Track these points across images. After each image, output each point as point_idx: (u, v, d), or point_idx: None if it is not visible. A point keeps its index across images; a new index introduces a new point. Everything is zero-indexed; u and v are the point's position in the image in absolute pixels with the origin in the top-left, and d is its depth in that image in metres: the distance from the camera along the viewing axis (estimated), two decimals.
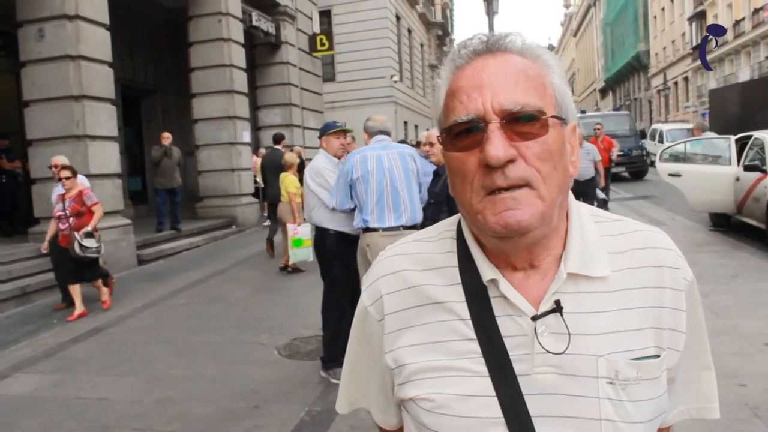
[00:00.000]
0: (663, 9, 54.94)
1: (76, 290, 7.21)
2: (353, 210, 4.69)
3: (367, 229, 4.54)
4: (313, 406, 4.37)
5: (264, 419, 4.22)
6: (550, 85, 0.88)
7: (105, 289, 7.56)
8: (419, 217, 4.59)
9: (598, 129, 13.33)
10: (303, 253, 8.70)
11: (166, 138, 12.20)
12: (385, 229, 4.46)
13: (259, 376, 5.03)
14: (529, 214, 0.83)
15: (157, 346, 6.01)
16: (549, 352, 0.86)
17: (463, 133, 0.86)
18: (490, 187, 0.83)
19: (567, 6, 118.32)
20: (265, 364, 5.32)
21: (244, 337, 6.13)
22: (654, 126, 20.33)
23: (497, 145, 0.81)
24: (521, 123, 0.83)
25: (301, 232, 8.65)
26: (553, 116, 0.85)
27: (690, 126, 20.17)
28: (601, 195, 10.62)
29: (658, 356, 0.89)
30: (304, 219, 7.85)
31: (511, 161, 0.82)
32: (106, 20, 10.04)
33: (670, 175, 10.24)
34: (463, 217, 0.93)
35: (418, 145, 8.83)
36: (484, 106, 0.84)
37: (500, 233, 0.84)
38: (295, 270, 9.16)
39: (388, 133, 4.85)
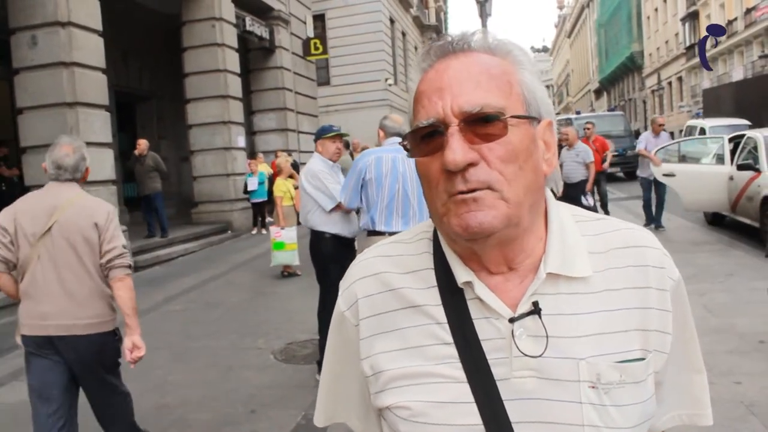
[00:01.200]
0: (656, 9, 55.11)
1: None
2: (356, 211, 4.68)
3: (372, 232, 4.49)
4: (309, 410, 4.36)
5: (261, 424, 4.22)
6: (517, 83, 0.86)
7: None
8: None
9: (589, 128, 12.12)
10: (284, 256, 8.79)
11: (138, 145, 12.23)
12: (391, 233, 4.39)
13: (256, 381, 5.03)
14: (492, 216, 0.81)
15: (153, 352, 5.97)
16: (526, 355, 0.83)
17: (426, 138, 0.84)
18: (451, 192, 0.82)
19: (561, 7, 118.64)
20: (261, 369, 5.31)
21: (241, 342, 6.12)
22: (690, 122, 18.63)
23: (456, 149, 0.80)
24: (481, 124, 0.81)
25: (284, 235, 8.74)
26: (515, 116, 0.83)
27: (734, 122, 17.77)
28: (585, 201, 9.82)
29: (644, 359, 0.86)
30: (299, 222, 7.97)
31: (472, 164, 0.80)
32: (99, 26, 10.03)
33: (664, 175, 10.25)
34: (433, 221, 0.91)
35: None
36: (444, 109, 0.82)
37: (463, 236, 0.83)
38: (291, 274, 9.17)
39: (403, 135, 4.79)
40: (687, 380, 0.98)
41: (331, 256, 4.90)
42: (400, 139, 4.68)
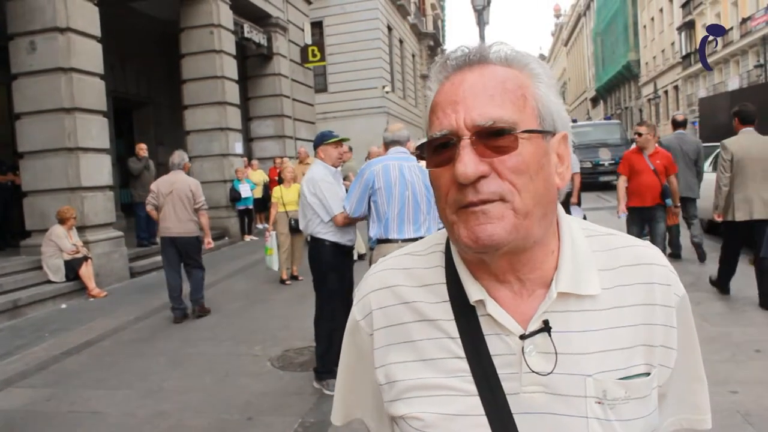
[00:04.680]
0: (652, 19, 55.34)
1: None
2: (360, 219, 4.70)
3: (383, 241, 4.47)
4: (306, 417, 4.36)
5: (257, 431, 4.22)
6: (532, 97, 0.86)
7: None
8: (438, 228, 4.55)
9: (640, 137, 7.48)
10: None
11: (144, 149, 12.19)
12: (404, 241, 4.36)
13: (253, 388, 5.02)
14: (501, 228, 0.82)
15: (150, 358, 5.98)
16: (535, 372, 0.85)
17: (439, 149, 0.85)
18: (461, 202, 0.83)
19: (557, 16, 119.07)
20: (258, 376, 5.31)
21: (238, 348, 6.11)
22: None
23: (466, 162, 0.80)
24: (493, 138, 0.82)
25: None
26: (527, 130, 0.83)
27: None
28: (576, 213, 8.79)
29: (648, 374, 0.88)
30: (299, 229, 8.10)
31: (483, 177, 0.81)
32: (97, 32, 10.04)
33: None
34: (446, 229, 0.92)
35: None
36: (457, 122, 0.83)
37: (472, 248, 0.84)
38: (283, 281, 9.21)
39: (402, 142, 4.78)
40: (689, 389, 1.00)
41: (329, 263, 4.90)
42: (403, 149, 4.72)
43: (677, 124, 8.99)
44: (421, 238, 4.50)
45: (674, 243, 8.82)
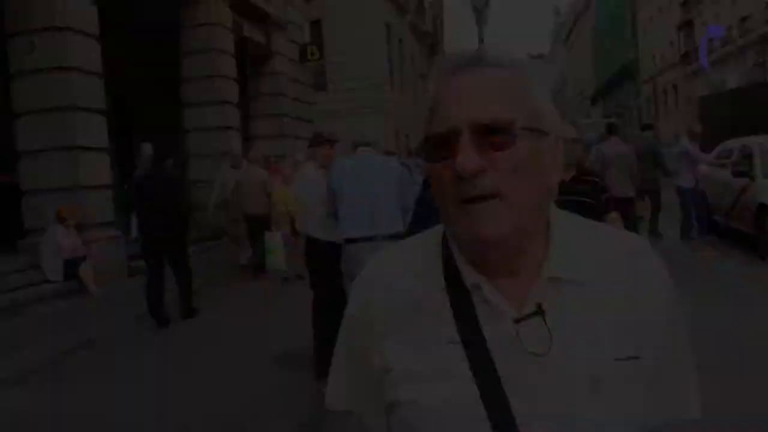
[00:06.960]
0: (651, 18, 55.34)
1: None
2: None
3: (346, 240, 4.55)
4: (306, 416, 4.37)
5: (260, 429, 4.22)
6: (529, 97, 0.90)
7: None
8: (398, 227, 4.57)
9: None
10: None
11: (150, 149, 12.16)
12: (363, 239, 4.46)
13: (255, 387, 5.03)
14: (501, 226, 0.85)
15: (150, 358, 5.99)
16: (532, 354, 0.87)
17: (439, 145, 0.88)
18: (462, 197, 0.85)
19: (557, 14, 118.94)
20: (260, 375, 5.31)
21: (240, 347, 6.12)
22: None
23: (467, 156, 0.83)
24: (492, 134, 0.85)
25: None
26: (525, 127, 0.87)
27: None
28: None
29: (639, 357, 0.91)
30: (295, 229, 8.11)
31: (482, 171, 0.84)
32: (96, 31, 10.04)
33: None
34: (444, 225, 0.96)
35: (409, 154, 8.91)
36: (458, 118, 0.86)
37: (472, 245, 0.88)
38: (286, 279, 9.21)
39: (367, 143, 4.82)
40: (679, 377, 1.02)
41: (325, 262, 4.91)
42: (367, 148, 4.78)
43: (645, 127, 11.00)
44: (381, 235, 4.55)
45: None
